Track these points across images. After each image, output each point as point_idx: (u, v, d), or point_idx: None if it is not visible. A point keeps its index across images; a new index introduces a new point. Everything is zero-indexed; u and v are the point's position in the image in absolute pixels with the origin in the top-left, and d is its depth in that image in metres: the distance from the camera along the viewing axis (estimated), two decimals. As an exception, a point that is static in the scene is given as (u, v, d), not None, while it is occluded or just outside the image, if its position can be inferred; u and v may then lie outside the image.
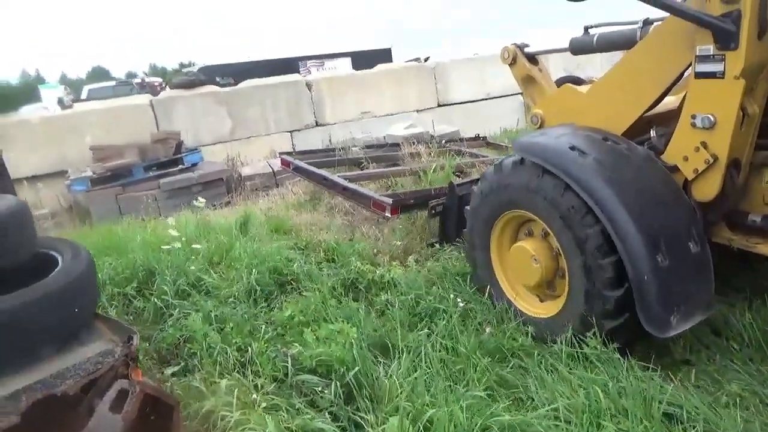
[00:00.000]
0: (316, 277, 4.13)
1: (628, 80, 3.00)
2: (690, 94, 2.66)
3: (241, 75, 14.60)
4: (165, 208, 6.64)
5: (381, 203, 4.73)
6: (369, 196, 4.95)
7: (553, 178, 2.74)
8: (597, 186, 2.56)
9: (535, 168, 2.83)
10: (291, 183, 7.43)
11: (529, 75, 3.96)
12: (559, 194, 2.71)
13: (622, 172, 2.63)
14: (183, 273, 4.00)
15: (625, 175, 2.63)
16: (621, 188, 2.56)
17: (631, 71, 2.98)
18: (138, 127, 8.19)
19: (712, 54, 2.51)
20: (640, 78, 2.92)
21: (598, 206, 2.53)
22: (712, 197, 2.67)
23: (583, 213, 2.62)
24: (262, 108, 9.20)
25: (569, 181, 2.64)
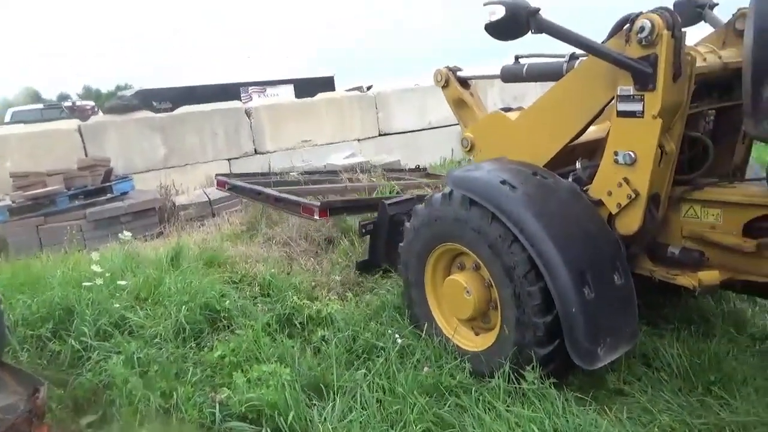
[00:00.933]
0: (250, 312, 4.00)
1: (553, 112, 3.10)
2: (612, 131, 2.76)
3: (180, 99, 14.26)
4: (91, 240, 6.31)
5: (310, 207, 4.74)
6: (298, 201, 4.95)
7: (480, 209, 2.77)
8: (524, 217, 2.60)
9: (463, 200, 2.85)
10: (227, 213, 7.24)
11: (461, 98, 4.03)
12: (486, 224, 2.74)
13: (549, 205, 2.69)
14: (105, 311, 3.77)
15: (552, 208, 2.69)
16: (548, 220, 2.61)
17: (556, 103, 3.08)
18: (65, 154, 7.79)
19: (632, 94, 2.62)
20: (564, 110, 3.02)
21: (525, 236, 2.57)
22: (634, 231, 2.76)
23: (510, 241, 2.65)
24: (200, 135, 8.97)
25: (496, 211, 2.68)
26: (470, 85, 4.08)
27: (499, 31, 2.62)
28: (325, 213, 4.64)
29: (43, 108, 15.45)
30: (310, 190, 6.26)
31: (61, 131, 8.03)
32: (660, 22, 2.47)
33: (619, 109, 2.69)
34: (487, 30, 2.64)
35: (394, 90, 11.01)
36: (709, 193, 2.80)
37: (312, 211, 4.68)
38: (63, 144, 7.90)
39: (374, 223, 4.70)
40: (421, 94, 11.19)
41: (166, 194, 7.63)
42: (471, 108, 4.00)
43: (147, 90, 18.91)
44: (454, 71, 4.01)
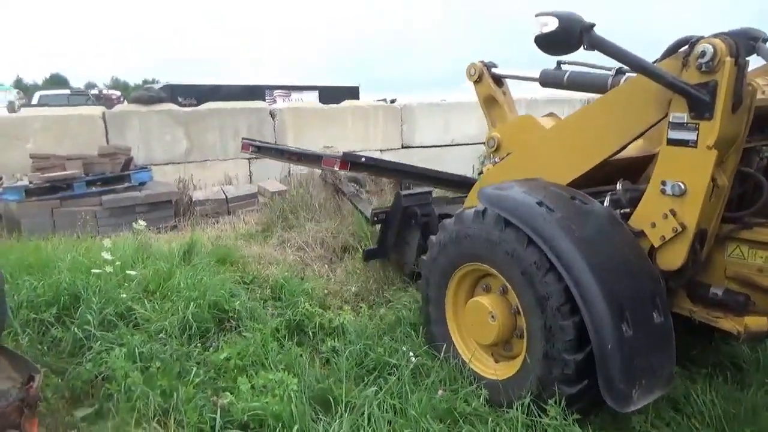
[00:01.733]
0: (259, 315, 3.87)
1: (592, 127, 2.94)
2: (661, 159, 2.60)
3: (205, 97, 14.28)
4: (105, 228, 6.23)
5: (331, 159, 4.64)
6: (320, 154, 4.92)
7: (516, 231, 2.61)
8: (563, 244, 2.44)
9: (497, 220, 2.70)
10: (244, 212, 7.14)
11: (493, 96, 3.88)
12: (521, 248, 2.58)
13: (589, 233, 2.53)
14: (112, 301, 3.66)
15: (592, 236, 2.53)
16: (587, 250, 2.44)
17: (597, 118, 2.93)
18: (87, 140, 7.76)
19: (685, 122, 2.46)
20: (604, 127, 2.87)
21: (563, 264, 2.41)
22: (677, 267, 2.59)
23: (545, 269, 2.49)
24: (222, 132, 8.92)
25: (533, 235, 2.51)
26: (503, 83, 3.93)
27: (549, 44, 2.48)
28: (345, 164, 4.47)
29: (70, 94, 15.56)
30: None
31: (84, 117, 8.00)
32: (723, 47, 2.32)
33: (670, 137, 2.53)
34: (537, 42, 2.50)
35: (419, 104, 10.91)
36: (758, 234, 2.62)
37: (333, 163, 4.56)
38: (86, 130, 7.87)
39: (387, 213, 4.59)
40: (446, 109, 11.10)
41: (183, 188, 7.56)
42: (502, 107, 3.85)
43: (174, 85, 19.01)
44: (489, 67, 3.87)
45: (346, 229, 5.65)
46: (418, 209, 4.41)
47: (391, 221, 4.56)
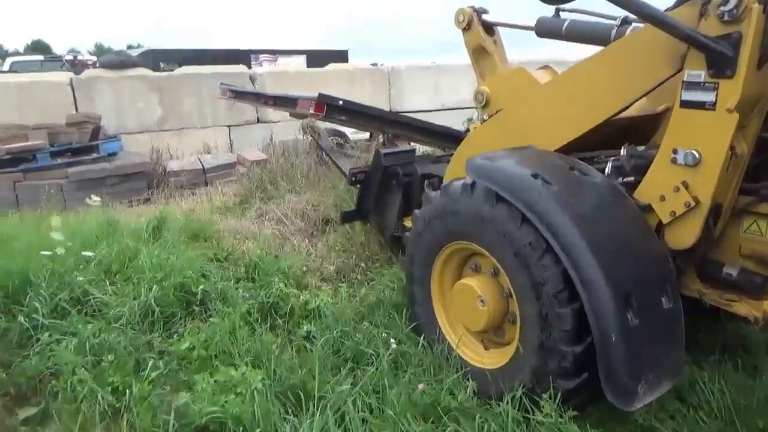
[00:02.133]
0: (230, 297, 3.56)
1: (593, 83, 2.60)
2: (673, 124, 2.27)
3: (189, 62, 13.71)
4: (72, 202, 5.85)
5: (306, 101, 4.31)
6: (296, 96, 4.60)
7: (508, 207, 2.30)
8: (561, 222, 2.13)
9: (488, 194, 2.38)
10: (221, 183, 6.78)
11: (482, 46, 3.51)
12: (515, 226, 2.27)
13: (590, 209, 2.22)
14: (66, 285, 3.35)
15: (593, 212, 2.23)
16: (588, 227, 2.14)
17: (598, 73, 2.59)
18: (54, 108, 7.30)
19: (702, 81, 2.13)
20: (607, 84, 2.54)
21: (561, 245, 2.11)
22: (689, 245, 2.30)
23: (542, 251, 2.19)
24: (199, 98, 8.47)
25: (528, 212, 2.20)
26: (495, 32, 3.56)
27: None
28: (321, 107, 4.16)
29: (43, 60, 14.87)
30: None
31: (51, 83, 7.53)
32: None
33: (683, 98, 2.21)
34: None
35: (408, 66, 10.46)
36: (779, 208, 2.33)
37: (308, 105, 4.24)
38: (53, 97, 7.41)
39: (366, 173, 4.26)
40: (436, 72, 10.66)
41: (157, 158, 7.18)
42: (492, 57, 3.50)
43: (156, 50, 18.32)
44: (480, 13, 3.49)
45: (328, 201, 5.32)
46: (400, 169, 4.06)
47: (370, 181, 4.22)
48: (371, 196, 4.24)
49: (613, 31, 2.75)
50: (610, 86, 2.53)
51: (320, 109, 4.15)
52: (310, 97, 4.31)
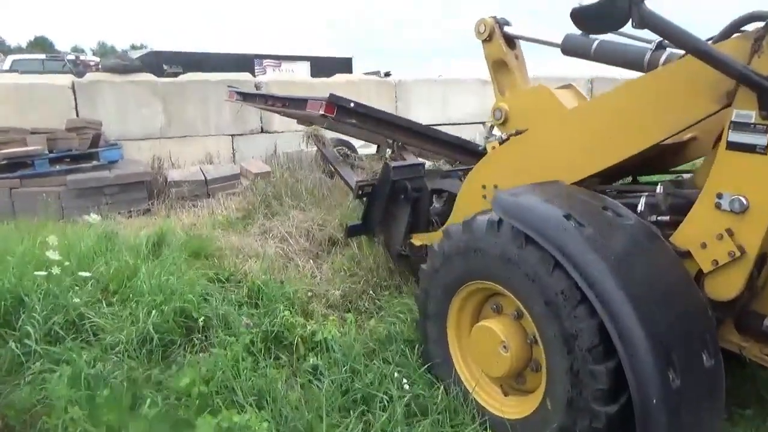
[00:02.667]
0: (232, 323, 3.40)
1: (626, 113, 2.45)
2: (718, 167, 2.12)
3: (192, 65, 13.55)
4: (69, 210, 5.69)
5: (316, 101, 4.08)
6: (305, 98, 4.34)
7: (539, 250, 2.14)
8: (598, 270, 1.97)
9: (516, 234, 2.22)
10: (224, 195, 6.62)
11: (503, 59, 3.33)
12: (546, 272, 2.11)
13: (626, 255, 2.07)
14: (61, 307, 3.18)
15: (631, 259, 2.07)
16: (627, 277, 1.98)
17: (632, 104, 2.43)
18: (54, 112, 7.16)
19: (753, 122, 1.98)
20: (641, 115, 2.38)
21: (599, 297, 1.95)
22: (731, 297, 2.14)
23: (576, 301, 2.03)
24: (204, 106, 8.33)
25: (561, 258, 2.04)
26: (516, 45, 3.38)
27: (590, 19, 1.98)
28: (331, 108, 3.95)
29: (45, 59, 14.71)
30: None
31: (52, 86, 7.37)
32: None
33: (731, 140, 2.06)
34: (574, 17, 2.00)
35: (415, 80, 10.33)
36: (826, 258, 2.18)
37: (318, 106, 4.02)
38: (53, 100, 7.26)
39: (374, 186, 4.09)
40: (443, 86, 10.53)
41: (159, 167, 7.02)
42: (512, 73, 3.32)
43: (159, 52, 18.19)
44: (502, 24, 3.30)
45: (334, 221, 5.16)
46: (409, 183, 3.92)
47: (378, 195, 4.06)
48: (378, 211, 4.08)
49: (647, 55, 2.60)
50: (646, 118, 2.37)
51: (330, 110, 3.96)
52: (320, 97, 4.16)
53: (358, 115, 4.20)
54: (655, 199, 2.41)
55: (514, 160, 2.91)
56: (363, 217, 4.23)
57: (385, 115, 4.46)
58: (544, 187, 2.48)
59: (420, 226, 4.02)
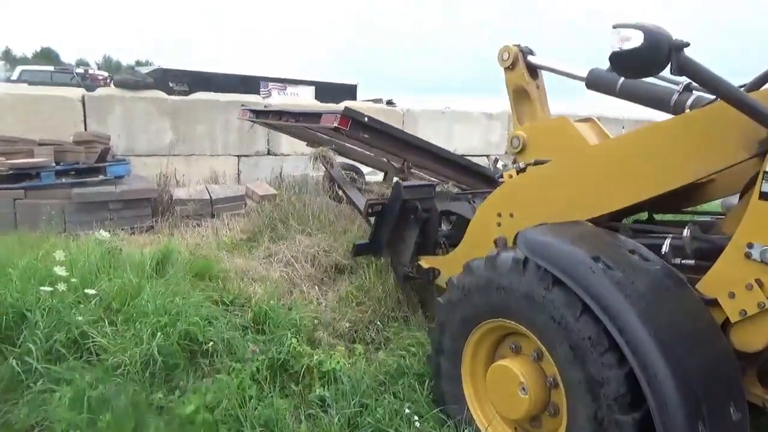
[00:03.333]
0: (237, 349, 3.33)
1: (652, 153, 2.43)
2: (750, 216, 2.10)
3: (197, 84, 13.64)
4: (72, 224, 5.63)
5: (331, 114, 4.12)
6: (319, 112, 4.38)
7: (566, 293, 2.10)
8: (629, 318, 1.93)
9: (543, 275, 2.18)
10: (229, 215, 6.56)
11: (525, 88, 3.35)
12: (573, 316, 2.07)
13: (656, 302, 2.03)
14: (64, 324, 3.10)
15: (661, 307, 2.04)
16: (658, 325, 1.94)
17: (659, 145, 2.42)
18: (63, 124, 7.16)
19: (789, 174, 1.97)
20: (668, 157, 2.37)
21: (629, 345, 1.90)
22: (759, 349, 2.10)
23: (603, 348, 1.98)
24: (212, 125, 8.33)
25: (591, 302, 2.00)
26: (539, 75, 3.40)
27: (628, 62, 1.98)
28: (346, 121, 3.99)
29: (53, 71, 14.81)
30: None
31: (62, 98, 7.37)
32: None
33: (764, 190, 2.04)
34: (614, 59, 2.00)
35: (423, 110, 10.40)
36: None
37: (332, 119, 4.05)
38: (63, 113, 7.25)
39: (384, 205, 4.04)
40: (449, 118, 10.61)
41: (165, 184, 6.97)
42: (533, 103, 3.34)
43: (166, 69, 18.35)
44: (525, 53, 3.33)
45: (340, 247, 5.11)
46: (419, 203, 3.88)
47: (387, 214, 4.01)
48: (387, 230, 4.03)
49: (674, 96, 2.62)
50: (674, 160, 2.36)
51: (345, 123, 4.00)
52: (334, 110, 4.15)
53: (372, 130, 4.22)
54: (680, 242, 2.38)
55: (532, 191, 2.89)
56: (371, 237, 4.17)
57: (399, 133, 4.45)
58: (570, 227, 2.45)
59: (428, 247, 3.97)
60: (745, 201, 2.23)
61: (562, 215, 2.75)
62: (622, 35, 1.93)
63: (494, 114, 11.15)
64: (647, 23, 1.92)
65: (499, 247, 2.87)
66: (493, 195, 3.15)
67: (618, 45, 1.95)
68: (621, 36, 1.94)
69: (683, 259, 2.37)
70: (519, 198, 2.97)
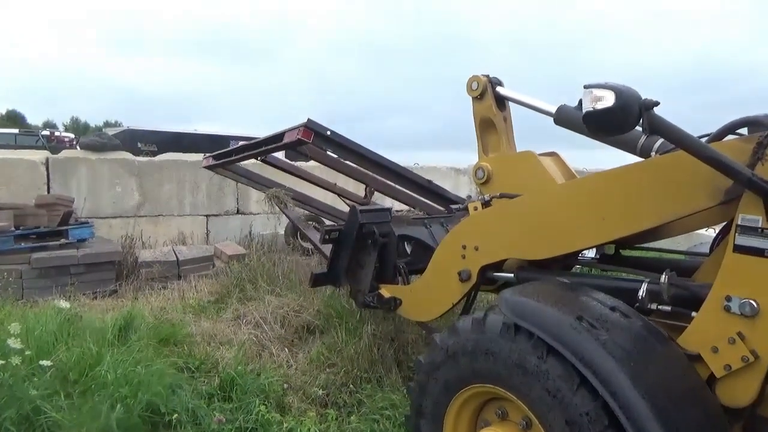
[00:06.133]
0: (203, 418, 3.14)
1: (618, 196, 2.42)
2: (725, 269, 2.09)
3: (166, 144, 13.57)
4: (30, 291, 5.38)
5: (293, 129, 4.03)
6: (281, 132, 4.27)
7: (562, 364, 1.99)
8: (631, 394, 1.81)
9: (536, 343, 2.08)
10: (196, 277, 6.38)
11: (491, 120, 3.29)
12: (569, 390, 1.95)
13: (648, 366, 1.95)
14: (16, 400, 2.88)
15: (652, 370, 1.96)
16: (653, 394, 1.84)
17: (625, 188, 2.40)
18: (26, 188, 6.98)
19: (760, 227, 1.98)
20: (634, 200, 2.36)
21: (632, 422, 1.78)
22: (745, 404, 2.05)
23: (602, 426, 1.85)
24: (180, 185, 8.23)
25: (589, 374, 1.89)
26: (506, 107, 3.37)
27: (601, 122, 1.99)
28: (308, 134, 3.91)
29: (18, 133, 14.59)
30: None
31: (24, 162, 7.21)
32: None
33: (738, 243, 2.04)
34: (587, 120, 2.01)
35: (394, 166, 10.49)
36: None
37: (295, 134, 3.96)
38: (26, 176, 7.08)
39: (340, 231, 3.89)
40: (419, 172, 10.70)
41: (130, 246, 6.77)
42: (499, 136, 3.28)
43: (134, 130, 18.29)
44: (495, 84, 3.29)
45: (311, 306, 4.98)
46: (376, 228, 3.73)
47: (344, 241, 3.86)
48: (345, 257, 3.87)
49: (641, 140, 2.64)
50: (640, 204, 2.34)
51: (308, 135, 3.93)
52: (297, 125, 4.06)
53: (334, 144, 4.17)
54: (658, 287, 2.35)
55: (498, 225, 2.85)
56: (329, 265, 4.00)
57: (362, 149, 4.39)
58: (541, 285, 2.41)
59: (387, 273, 3.83)
60: (721, 249, 2.22)
61: (527, 252, 2.73)
62: (595, 95, 1.96)
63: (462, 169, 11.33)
64: (616, 83, 1.95)
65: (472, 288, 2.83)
66: (459, 226, 3.09)
67: (590, 105, 1.97)
68: (593, 96, 1.96)
69: (660, 304, 2.33)
70: (484, 231, 2.92)
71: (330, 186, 6.25)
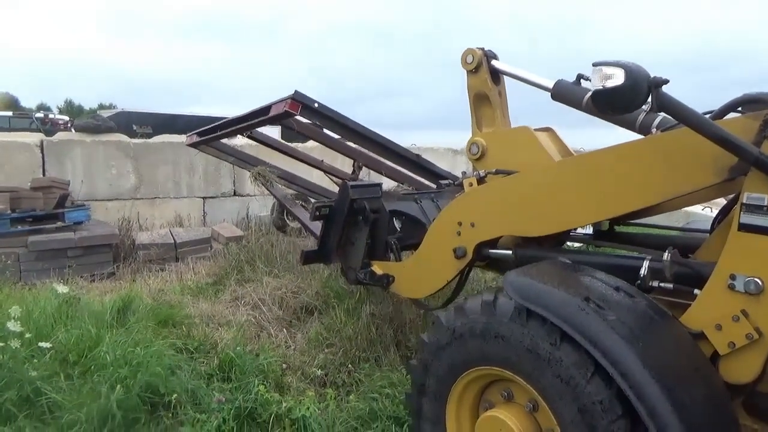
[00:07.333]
0: (201, 399, 3.14)
1: (619, 173, 2.39)
2: (729, 247, 2.07)
3: (161, 126, 13.47)
4: (28, 273, 5.35)
5: (281, 101, 3.94)
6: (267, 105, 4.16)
7: (576, 351, 1.95)
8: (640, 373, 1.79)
9: (550, 329, 2.04)
10: (194, 258, 6.36)
11: (486, 94, 3.22)
12: (583, 378, 1.92)
13: (654, 345, 1.93)
14: (16, 381, 2.88)
15: (658, 350, 1.94)
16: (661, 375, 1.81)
17: (626, 165, 2.37)
18: (21, 170, 6.91)
19: (766, 206, 1.95)
20: (635, 177, 2.33)
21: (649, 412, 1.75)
22: (749, 380, 2.04)
23: (615, 415, 1.84)
24: (176, 168, 8.16)
25: (599, 356, 1.86)
26: (501, 81, 3.28)
27: (610, 100, 1.95)
28: (296, 106, 3.85)
29: (12, 116, 14.44)
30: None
31: (19, 144, 7.13)
32: None
33: (743, 222, 2.02)
34: (596, 98, 1.97)
35: (392, 147, 10.43)
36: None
37: (282, 105, 3.88)
38: (20, 159, 7.01)
39: (331, 207, 3.80)
40: (417, 152, 10.65)
41: (127, 229, 6.73)
42: (494, 110, 3.21)
43: (129, 112, 18.15)
44: (490, 57, 3.20)
45: (309, 287, 4.97)
46: (367, 203, 3.66)
47: (335, 217, 3.77)
48: (336, 234, 3.78)
49: (640, 116, 2.60)
50: (641, 181, 2.31)
51: (295, 107, 3.85)
52: (283, 97, 3.97)
53: (322, 116, 4.11)
54: (660, 265, 2.33)
55: (495, 202, 2.82)
56: (319, 242, 3.91)
57: (351, 122, 4.32)
58: (544, 266, 2.38)
59: (379, 250, 3.76)
60: (724, 227, 2.20)
61: (525, 229, 2.70)
62: (604, 73, 1.92)
63: (459, 149, 11.27)
64: (626, 61, 1.91)
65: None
66: (454, 203, 3.04)
67: (600, 83, 1.94)
68: (603, 74, 1.92)
69: (662, 282, 2.31)
70: (481, 208, 2.89)
71: (317, 163, 6.08)
